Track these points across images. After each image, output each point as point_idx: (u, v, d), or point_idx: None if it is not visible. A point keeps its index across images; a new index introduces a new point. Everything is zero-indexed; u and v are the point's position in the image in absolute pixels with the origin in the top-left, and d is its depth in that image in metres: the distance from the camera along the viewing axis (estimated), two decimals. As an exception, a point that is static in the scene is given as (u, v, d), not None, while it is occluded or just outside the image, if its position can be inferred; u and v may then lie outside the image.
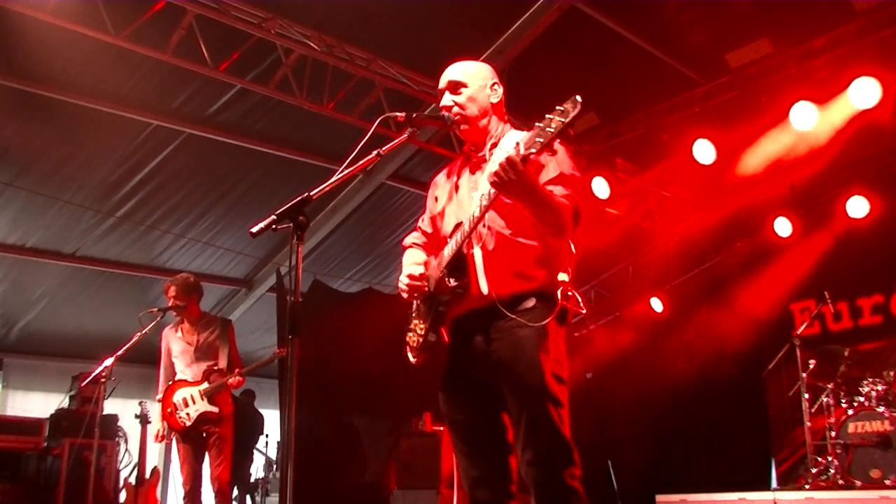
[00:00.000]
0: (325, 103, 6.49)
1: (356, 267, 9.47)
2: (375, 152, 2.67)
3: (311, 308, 7.99)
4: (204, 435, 5.58)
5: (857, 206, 8.01)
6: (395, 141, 2.80)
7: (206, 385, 5.59)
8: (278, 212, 2.39)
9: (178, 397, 5.60)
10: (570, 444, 2.54)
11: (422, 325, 2.76)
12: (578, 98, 2.22)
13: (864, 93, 6.30)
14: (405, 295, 2.77)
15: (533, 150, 2.27)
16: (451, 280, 2.62)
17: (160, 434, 5.67)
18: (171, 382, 5.73)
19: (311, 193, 2.46)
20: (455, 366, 2.75)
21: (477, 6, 6.55)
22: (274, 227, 2.39)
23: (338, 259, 9.24)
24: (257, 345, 9.76)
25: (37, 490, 6.81)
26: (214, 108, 6.88)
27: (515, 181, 2.33)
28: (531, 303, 2.59)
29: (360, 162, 2.64)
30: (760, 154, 7.42)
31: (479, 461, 2.66)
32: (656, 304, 9.84)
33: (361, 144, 2.64)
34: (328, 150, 7.51)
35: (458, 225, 2.69)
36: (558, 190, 2.58)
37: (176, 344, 5.81)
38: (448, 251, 2.67)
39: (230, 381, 5.54)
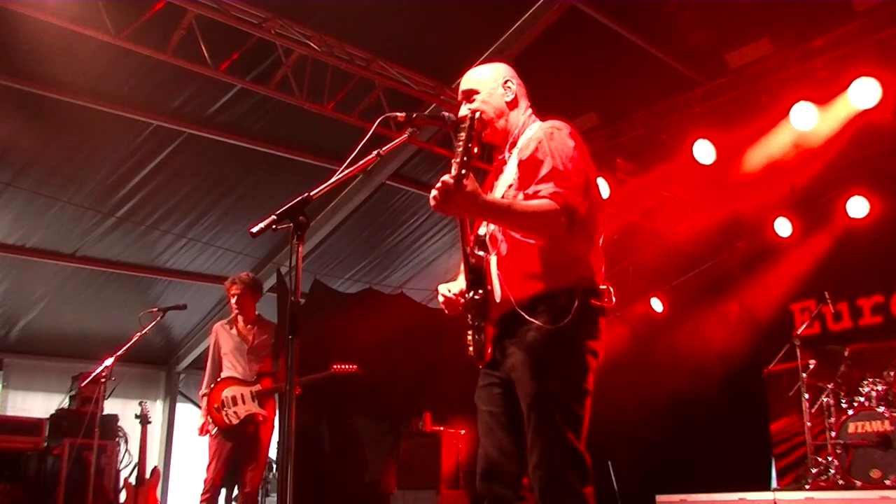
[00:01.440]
0: (325, 103, 6.49)
1: (356, 267, 9.47)
2: (375, 152, 2.67)
3: (311, 308, 8.01)
4: (243, 437, 5.56)
5: (857, 206, 8.01)
6: (395, 141, 2.81)
7: (258, 387, 5.57)
8: (278, 212, 2.39)
9: (227, 394, 5.56)
10: (578, 451, 2.47)
11: (468, 334, 2.74)
12: (445, 113, 2.36)
13: (864, 93, 6.29)
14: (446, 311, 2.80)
15: (458, 172, 2.28)
16: (474, 294, 2.63)
17: (204, 428, 5.63)
18: (219, 379, 5.70)
19: (311, 193, 2.46)
20: (489, 366, 2.73)
21: (477, 6, 6.55)
22: (274, 227, 2.39)
23: (338, 259, 9.24)
24: (257, 345, 9.75)
25: (37, 490, 6.81)
26: (214, 108, 6.88)
27: (452, 204, 2.31)
28: (544, 305, 2.56)
29: (360, 162, 2.64)
30: (761, 154, 7.42)
31: (492, 454, 2.63)
32: (656, 304, 9.83)
33: (361, 144, 2.64)
34: (328, 150, 7.51)
35: (479, 239, 2.74)
36: (545, 188, 2.51)
37: (228, 341, 5.77)
38: (467, 262, 2.70)
39: (283, 385, 5.50)
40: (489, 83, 2.88)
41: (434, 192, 2.31)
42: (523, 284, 2.59)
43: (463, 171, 2.28)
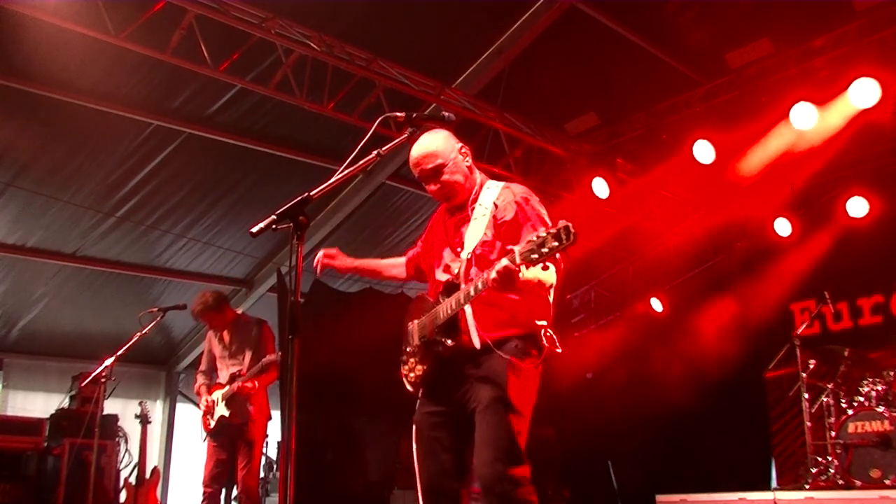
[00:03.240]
0: (325, 103, 6.48)
1: (356, 267, 9.46)
2: (375, 152, 2.68)
3: (311, 308, 8.00)
4: (232, 438, 5.61)
5: (857, 206, 8.00)
6: (395, 141, 2.82)
7: (227, 389, 5.62)
8: (278, 212, 2.39)
9: (211, 399, 5.69)
10: (521, 448, 2.84)
11: (420, 367, 3.10)
12: (571, 227, 2.45)
13: (864, 93, 6.29)
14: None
15: (532, 265, 2.55)
16: (447, 340, 2.97)
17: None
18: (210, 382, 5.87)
19: (311, 193, 2.47)
20: (430, 394, 3.09)
21: (477, 6, 6.55)
22: (274, 227, 2.40)
23: (338, 259, 9.24)
24: (257, 345, 9.75)
25: (37, 490, 6.81)
26: (214, 108, 6.88)
27: (512, 288, 2.68)
28: (513, 343, 2.92)
29: (360, 162, 2.65)
30: (760, 154, 7.41)
31: (436, 473, 2.97)
32: (656, 304, 9.83)
33: (361, 144, 2.65)
34: (328, 150, 7.51)
35: (451, 286, 3.00)
36: None
37: (216, 347, 5.91)
38: (443, 312, 2.99)
39: (234, 387, 5.53)
40: (449, 153, 3.08)
41: (494, 275, 2.62)
42: (495, 329, 2.93)
43: (526, 267, 2.57)
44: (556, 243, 2.46)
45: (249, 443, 5.59)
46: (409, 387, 3.19)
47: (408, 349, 3.19)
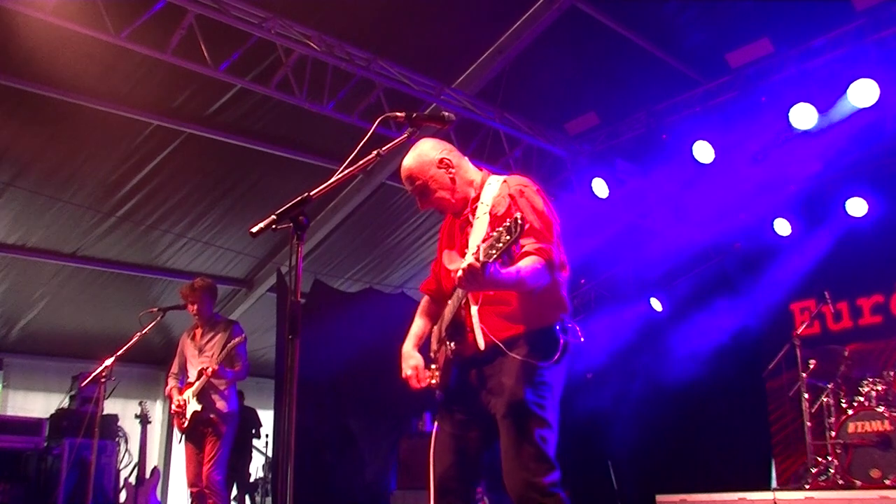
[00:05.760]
0: (325, 103, 6.48)
1: (356, 267, 9.47)
2: (375, 152, 2.67)
3: (311, 308, 8.01)
4: (203, 435, 5.63)
5: (857, 206, 8.00)
6: (395, 141, 2.81)
7: (196, 385, 5.65)
8: (278, 212, 2.39)
9: (182, 399, 5.69)
10: (546, 454, 2.75)
11: (437, 372, 3.06)
12: (519, 219, 2.40)
13: (864, 93, 6.30)
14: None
15: (489, 260, 2.48)
16: (451, 343, 2.94)
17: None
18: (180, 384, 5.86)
19: (311, 193, 2.46)
20: (450, 396, 3.03)
21: (477, 6, 6.56)
22: (274, 227, 2.39)
23: (338, 259, 9.25)
24: (258, 345, 9.76)
25: (37, 490, 6.82)
26: (214, 108, 6.88)
27: (476, 285, 2.56)
28: (524, 341, 2.84)
29: (360, 162, 2.64)
30: (758, 154, 7.41)
31: (451, 472, 2.95)
32: (656, 304, 9.83)
33: (361, 144, 2.64)
34: (328, 150, 7.51)
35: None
36: (529, 244, 2.75)
37: (188, 347, 5.92)
38: (448, 314, 2.97)
39: (206, 372, 5.55)
40: (428, 171, 3.10)
41: (460, 273, 2.51)
42: (502, 328, 2.86)
43: (490, 262, 2.48)
44: (509, 236, 2.43)
45: (218, 435, 5.60)
46: (434, 391, 3.14)
47: (430, 354, 3.16)
